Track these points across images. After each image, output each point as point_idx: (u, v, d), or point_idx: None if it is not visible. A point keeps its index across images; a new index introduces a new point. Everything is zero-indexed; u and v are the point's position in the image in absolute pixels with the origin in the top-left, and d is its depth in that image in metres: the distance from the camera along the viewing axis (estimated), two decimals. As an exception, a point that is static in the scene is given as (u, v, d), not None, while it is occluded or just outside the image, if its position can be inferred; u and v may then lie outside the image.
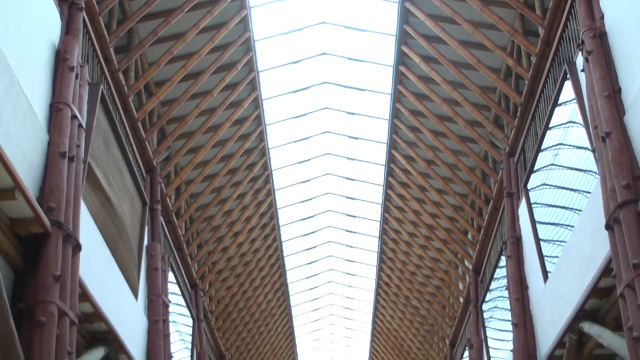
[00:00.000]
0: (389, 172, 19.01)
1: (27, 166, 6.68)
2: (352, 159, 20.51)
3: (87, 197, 8.65)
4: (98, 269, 8.79)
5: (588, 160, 8.98)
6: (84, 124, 8.00)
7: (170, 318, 12.60)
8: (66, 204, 7.07)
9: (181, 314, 15.11)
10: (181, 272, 15.19)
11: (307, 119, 18.84)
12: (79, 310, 7.29)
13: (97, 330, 8.78)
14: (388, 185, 19.59)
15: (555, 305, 9.90)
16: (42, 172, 7.03)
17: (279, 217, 21.12)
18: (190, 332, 15.81)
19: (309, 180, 21.37)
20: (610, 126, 7.48)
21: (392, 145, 17.94)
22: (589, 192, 8.95)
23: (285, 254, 23.17)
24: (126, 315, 9.96)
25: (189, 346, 15.55)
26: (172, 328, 12.83)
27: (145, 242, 11.73)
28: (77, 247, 7.20)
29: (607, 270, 7.77)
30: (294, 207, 22.04)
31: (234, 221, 18.75)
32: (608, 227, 7.29)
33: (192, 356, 15.50)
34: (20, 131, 6.58)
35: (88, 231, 8.32)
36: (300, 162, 20.39)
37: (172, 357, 12.05)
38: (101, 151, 9.61)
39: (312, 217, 23.11)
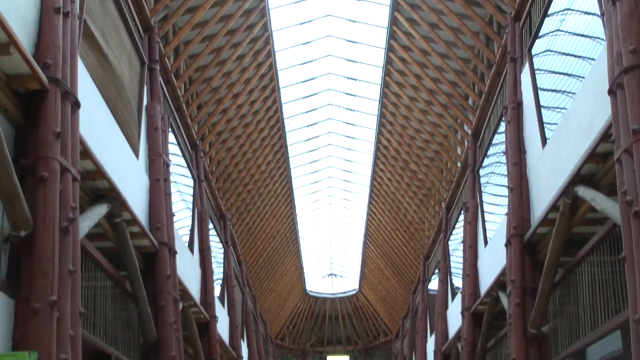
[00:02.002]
0: (391, 35, 18.67)
1: (21, 21, 6.53)
2: (354, 21, 20.08)
3: (84, 55, 8.52)
4: (98, 128, 8.81)
5: (595, 27, 8.79)
6: (77, -22, 7.75)
7: (172, 178, 12.77)
8: (63, 60, 6.98)
9: (182, 175, 15.31)
10: (181, 133, 15.24)
11: (309, -22, 18.31)
12: (80, 167, 7.37)
13: (99, 188, 8.91)
14: (390, 49, 19.29)
15: (551, 170, 10.02)
16: (36, 28, 6.88)
17: (279, 79, 20.95)
18: (191, 193, 16.09)
19: (309, 42, 21.03)
20: (621, -12, 7.26)
21: (395, 7, 17.50)
22: (593, 59, 8.82)
23: (285, 116, 23.18)
24: (128, 173, 10.08)
25: (190, 206, 15.88)
26: (173, 188, 13.03)
27: (145, 102, 11.68)
28: (76, 104, 7.18)
29: (606, 135, 7.80)
30: (294, 69, 21.82)
31: (233, 82, 18.62)
32: (611, 92, 7.25)
33: (193, 216, 15.86)
34: (12, -16, 6.38)
35: (86, 89, 8.26)
36: (301, 24, 19.98)
37: (173, 215, 12.31)
38: (97, 8, 9.37)
39: (312, 79, 22.94)
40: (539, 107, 11.01)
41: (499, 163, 13.98)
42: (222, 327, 17.90)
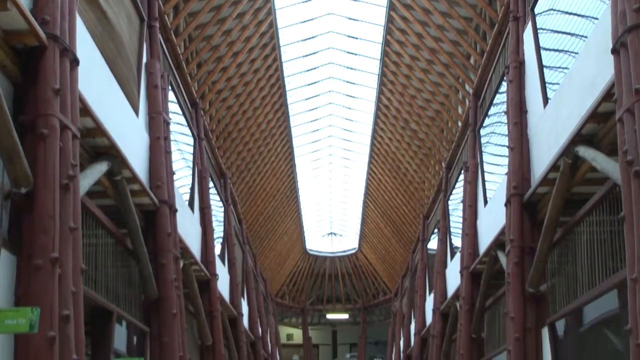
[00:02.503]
0: (393, -7, 18.47)
1: (19, -24, 6.45)
2: (355, -22, 19.86)
3: (82, 12, 8.43)
4: (98, 85, 8.76)
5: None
6: None
7: (172, 136, 12.73)
8: (61, 17, 6.90)
9: (182, 133, 15.27)
10: (181, 91, 15.16)
11: None
12: (80, 125, 7.35)
13: (99, 145, 8.89)
14: (391, 7, 19.08)
15: (552, 130, 9.99)
16: (34, -17, 6.80)
17: (279, 37, 20.76)
18: (192, 151, 16.07)
19: (310, 0, 20.79)
20: (626, -55, 7.14)
21: (397, -37, 17.28)
22: (597, 19, 8.73)
23: (285, 74, 23.03)
24: (128, 131, 10.05)
25: (191, 165, 15.87)
26: (173, 146, 13.00)
27: (144, 60, 11.59)
28: (75, 61, 7.12)
29: (608, 95, 7.75)
30: (295, 27, 21.61)
31: (233, 41, 18.47)
32: (614, 51, 7.19)
33: (193, 174, 15.86)
34: (9, -62, 6.27)
35: (85, 46, 8.19)
36: (301, -19, 19.76)
37: (174, 173, 12.31)
38: (95, -37, 9.23)
39: (313, 37, 22.74)
40: (541, 66, 10.93)
41: (499, 123, 13.94)
42: (223, 285, 18.04)
